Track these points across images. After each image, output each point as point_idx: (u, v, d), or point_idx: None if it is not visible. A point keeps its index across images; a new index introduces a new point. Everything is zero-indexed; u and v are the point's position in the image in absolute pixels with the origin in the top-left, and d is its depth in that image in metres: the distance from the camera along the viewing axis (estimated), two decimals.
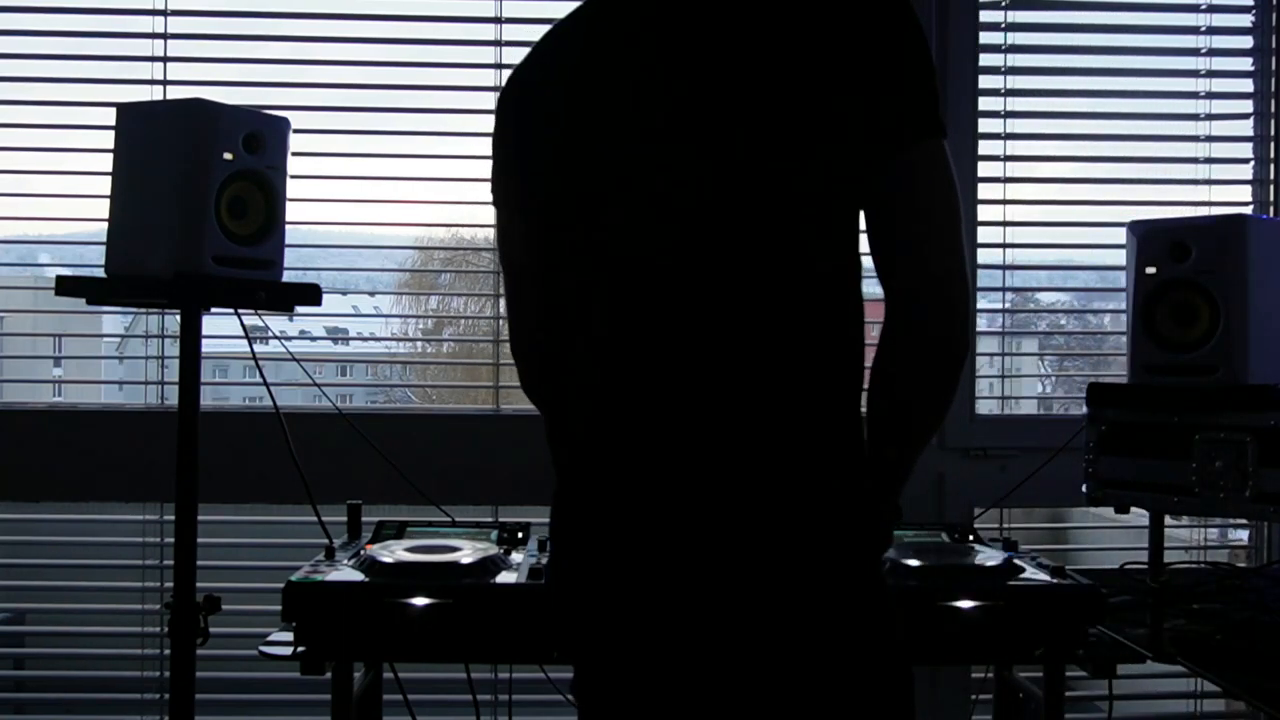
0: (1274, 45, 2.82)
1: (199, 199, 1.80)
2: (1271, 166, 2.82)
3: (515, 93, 1.37)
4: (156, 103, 2.22)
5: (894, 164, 1.18)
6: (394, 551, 1.83)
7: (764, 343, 1.18)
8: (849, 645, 1.19)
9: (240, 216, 1.87)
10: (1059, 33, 2.87)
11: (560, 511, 1.33)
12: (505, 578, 1.77)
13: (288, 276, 1.98)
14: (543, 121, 1.31)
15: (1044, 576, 1.80)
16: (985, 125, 2.74)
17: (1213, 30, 2.85)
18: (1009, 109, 2.77)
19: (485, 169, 3.00)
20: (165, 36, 2.68)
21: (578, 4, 1.34)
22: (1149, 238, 2.10)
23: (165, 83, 2.68)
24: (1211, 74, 2.84)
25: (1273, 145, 2.83)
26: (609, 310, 1.25)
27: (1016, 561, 1.87)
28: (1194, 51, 2.85)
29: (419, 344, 4.28)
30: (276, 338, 3.07)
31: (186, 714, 1.84)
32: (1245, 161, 2.86)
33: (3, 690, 2.88)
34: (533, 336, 1.42)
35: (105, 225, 1.88)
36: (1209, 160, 2.84)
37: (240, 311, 1.99)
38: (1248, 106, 2.85)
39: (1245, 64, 2.85)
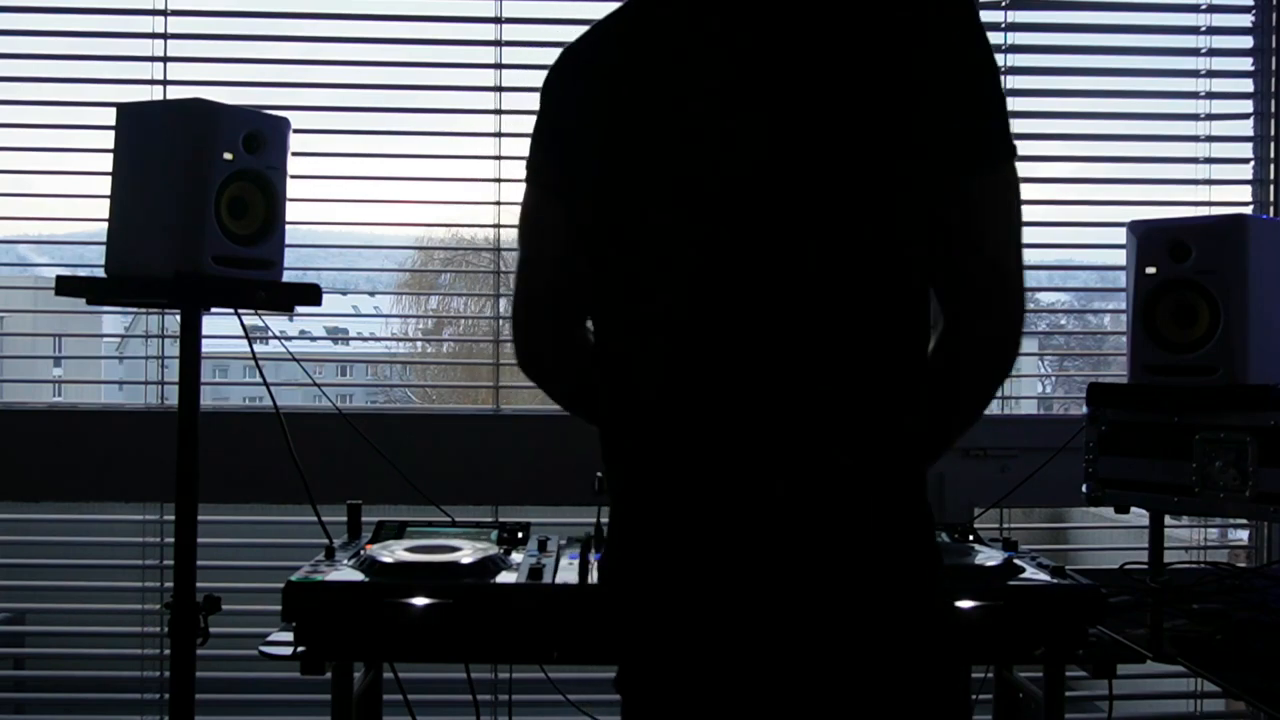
0: (1274, 45, 2.82)
1: (199, 199, 1.80)
2: (1271, 166, 2.83)
3: (571, 70, 1.32)
4: (156, 103, 2.22)
5: (968, 188, 1.20)
6: (394, 551, 1.83)
7: (831, 348, 1.18)
8: (911, 657, 1.18)
9: (240, 216, 1.87)
10: (1059, 33, 2.88)
11: (624, 508, 1.29)
12: (505, 578, 1.77)
13: (288, 276, 1.98)
14: (600, 105, 1.27)
15: (1044, 576, 1.80)
16: None
17: (1213, 30, 2.85)
18: (1009, 109, 2.76)
19: (485, 169, 3.01)
20: (165, 36, 2.68)
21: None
22: (1149, 238, 2.10)
23: (165, 83, 2.69)
24: (1211, 74, 2.84)
25: (1273, 145, 2.83)
26: (668, 308, 1.22)
27: (1016, 561, 1.87)
28: (1194, 51, 2.85)
29: (419, 344, 4.29)
30: (276, 338, 3.07)
31: (186, 714, 1.84)
32: (1245, 161, 2.86)
33: (3, 690, 2.88)
34: (543, 313, 1.39)
35: (105, 225, 1.88)
36: (1209, 160, 2.84)
37: (240, 311, 1.99)
38: (1248, 106, 2.85)
39: (1245, 64, 2.86)
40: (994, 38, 2.77)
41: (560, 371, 1.44)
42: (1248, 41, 2.86)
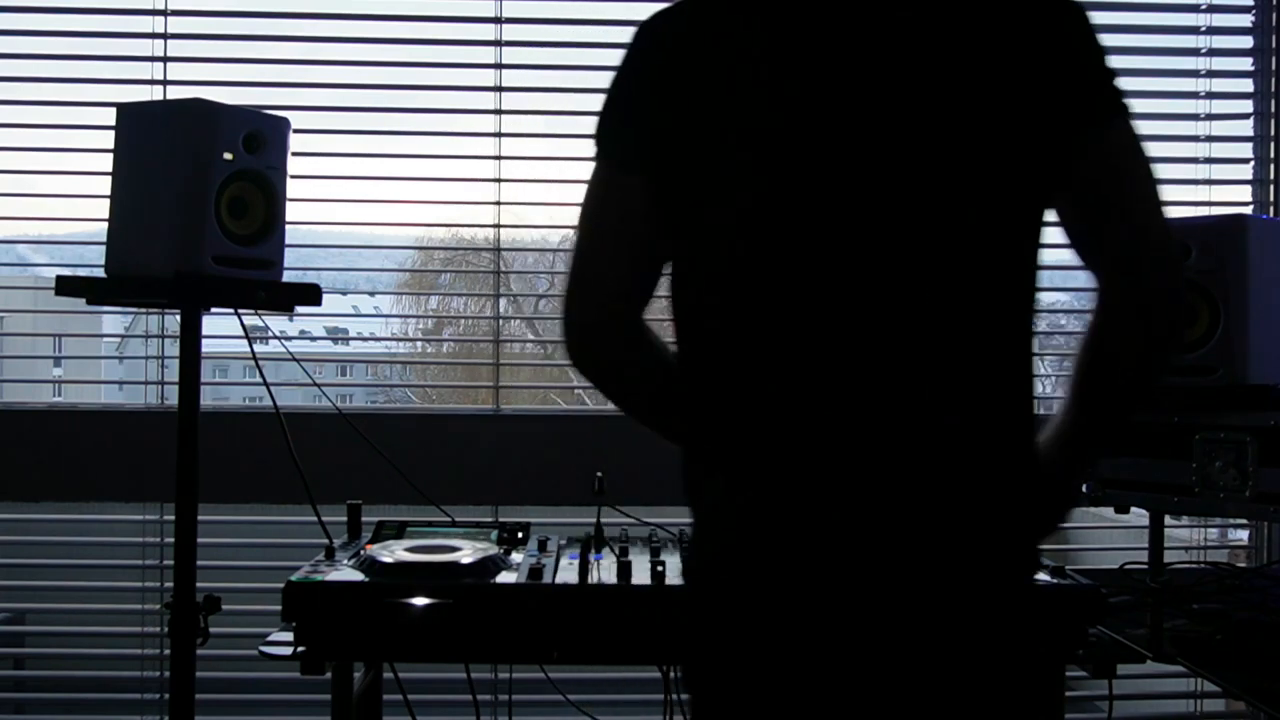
0: (1274, 45, 2.82)
1: (199, 199, 1.80)
2: (1271, 166, 2.83)
3: (665, 38, 1.23)
4: (156, 103, 2.22)
5: (1097, 143, 1.18)
6: (394, 551, 1.83)
7: (946, 334, 1.14)
8: (999, 663, 1.16)
9: (240, 216, 1.87)
10: None
11: (720, 504, 1.21)
12: (505, 578, 1.77)
13: (288, 276, 1.98)
14: (698, 74, 1.19)
15: (1044, 576, 1.80)
16: None
17: (1213, 30, 2.85)
18: None
19: (485, 169, 3.00)
20: (165, 36, 2.68)
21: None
22: None
23: (165, 83, 2.69)
24: (1211, 74, 2.84)
25: (1273, 145, 2.83)
26: (768, 290, 1.16)
27: None
28: (1194, 51, 2.85)
29: (419, 344, 4.29)
30: (276, 338, 3.07)
31: (186, 714, 1.84)
32: (1245, 161, 2.86)
33: (3, 690, 2.88)
34: (619, 313, 1.27)
35: (105, 225, 1.88)
36: (1209, 160, 2.84)
37: (240, 311, 1.99)
38: (1248, 106, 2.85)
39: (1245, 64, 2.85)
40: None
41: (644, 379, 1.31)
42: (1248, 41, 2.86)
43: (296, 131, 1.96)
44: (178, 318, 1.88)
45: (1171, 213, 1.20)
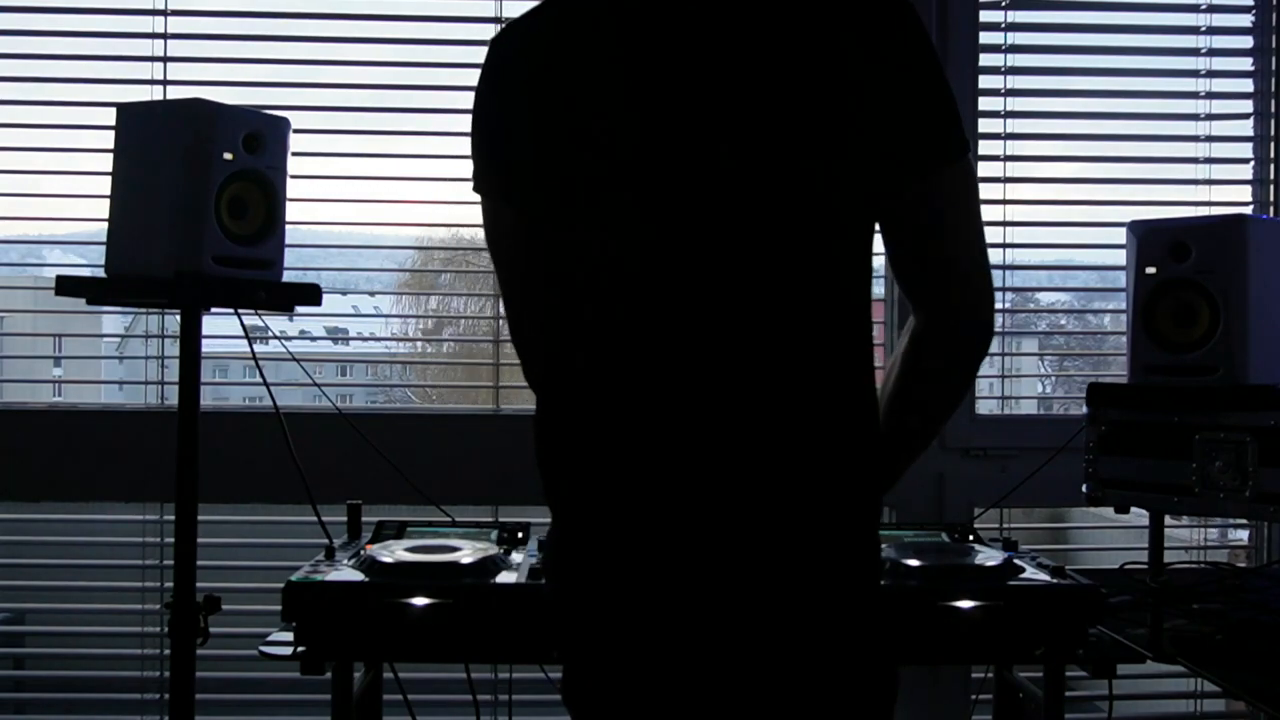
0: (1274, 45, 2.82)
1: (199, 199, 1.80)
2: (1271, 166, 2.82)
3: (499, 71, 1.26)
4: (156, 103, 2.22)
5: (920, 188, 1.20)
6: (394, 551, 1.83)
7: (772, 341, 1.18)
8: (846, 656, 1.21)
9: (240, 216, 1.87)
10: (1059, 33, 2.87)
11: (563, 510, 1.29)
12: (505, 578, 1.77)
13: (288, 276, 1.98)
14: (532, 103, 1.22)
15: (1044, 576, 1.80)
16: (985, 125, 2.74)
17: (1213, 30, 2.85)
18: (1009, 109, 2.77)
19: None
20: (165, 36, 2.68)
21: None
22: (1149, 238, 2.10)
23: (165, 83, 2.68)
24: (1211, 74, 2.84)
25: (1273, 145, 2.83)
26: (609, 305, 1.21)
27: (1016, 561, 1.87)
28: (1194, 51, 2.85)
29: (419, 344, 4.29)
30: (276, 338, 3.07)
31: (186, 714, 1.84)
32: (1245, 161, 2.86)
33: (3, 690, 2.88)
34: (526, 329, 1.41)
35: (105, 225, 1.88)
36: (1209, 160, 2.84)
37: (240, 311, 1.99)
38: (1248, 106, 2.85)
39: (1245, 64, 2.85)
40: (994, 38, 2.79)
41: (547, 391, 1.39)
42: (1248, 41, 2.85)
43: (296, 131, 1.96)
44: (178, 318, 1.88)
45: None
